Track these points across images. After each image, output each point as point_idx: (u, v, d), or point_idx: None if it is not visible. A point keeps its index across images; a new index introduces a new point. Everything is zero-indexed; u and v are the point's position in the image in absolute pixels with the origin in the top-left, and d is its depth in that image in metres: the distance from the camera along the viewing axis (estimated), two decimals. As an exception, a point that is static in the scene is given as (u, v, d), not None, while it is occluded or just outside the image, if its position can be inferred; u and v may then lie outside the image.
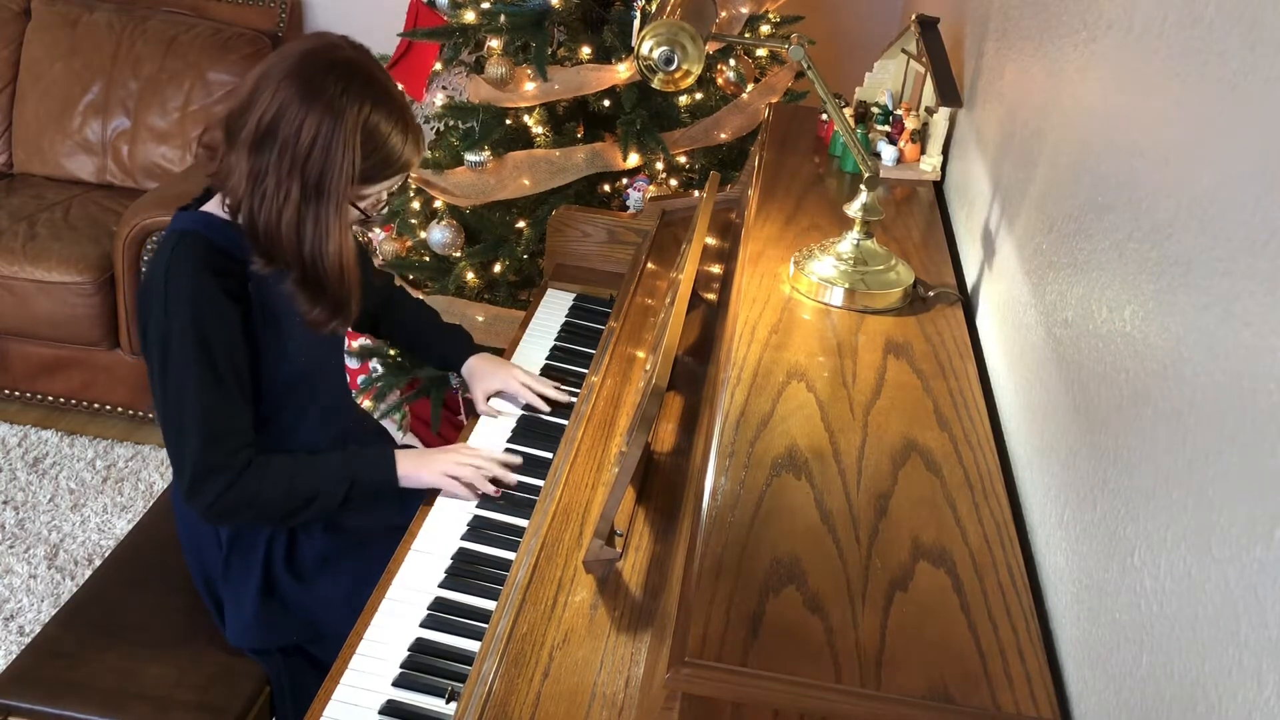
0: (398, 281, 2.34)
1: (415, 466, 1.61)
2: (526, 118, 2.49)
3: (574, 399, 1.80)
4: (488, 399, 1.82)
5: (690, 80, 1.38)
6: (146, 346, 1.51)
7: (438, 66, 2.63)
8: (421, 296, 2.58)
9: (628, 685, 1.13)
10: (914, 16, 1.75)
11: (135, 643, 1.65)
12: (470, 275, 2.53)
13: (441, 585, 1.47)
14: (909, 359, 1.29)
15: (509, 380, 1.82)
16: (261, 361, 1.56)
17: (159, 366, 1.49)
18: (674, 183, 2.57)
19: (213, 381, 1.49)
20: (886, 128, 1.88)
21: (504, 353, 1.98)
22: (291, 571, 1.66)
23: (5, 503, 2.75)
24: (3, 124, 3.33)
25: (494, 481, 1.63)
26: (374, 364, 2.75)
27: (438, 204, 2.54)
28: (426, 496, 1.63)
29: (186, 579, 1.74)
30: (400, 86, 1.61)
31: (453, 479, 1.60)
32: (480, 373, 1.85)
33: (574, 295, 2.14)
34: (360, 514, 1.70)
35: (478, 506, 1.60)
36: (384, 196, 1.57)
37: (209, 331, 1.48)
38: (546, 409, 1.80)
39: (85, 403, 3.06)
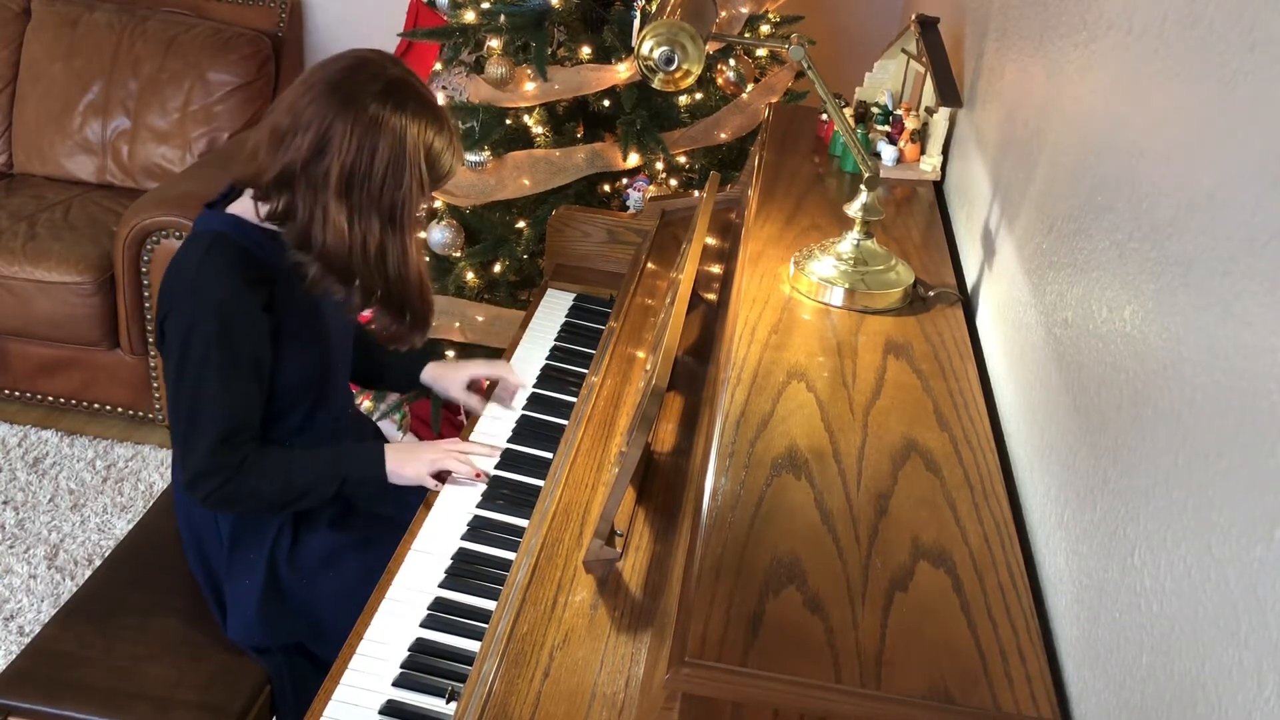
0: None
1: (401, 463, 1.64)
2: (526, 118, 2.49)
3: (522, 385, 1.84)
4: (467, 387, 1.84)
5: (690, 80, 1.38)
6: (165, 340, 1.54)
7: (438, 66, 2.63)
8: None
9: (628, 685, 1.13)
10: (914, 16, 1.75)
11: (135, 643, 1.65)
12: (470, 275, 2.53)
13: (441, 585, 1.47)
14: (909, 359, 1.29)
15: (482, 369, 1.85)
16: (288, 361, 1.59)
17: (177, 364, 1.52)
18: (674, 183, 2.57)
19: (231, 387, 1.52)
20: (886, 128, 1.88)
21: (504, 353, 1.98)
22: (294, 569, 1.66)
23: (5, 503, 2.75)
24: (3, 124, 3.33)
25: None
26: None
27: (438, 204, 2.54)
28: (427, 495, 1.63)
29: (186, 579, 1.74)
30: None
31: (436, 475, 1.63)
32: (444, 373, 1.87)
33: (574, 295, 2.14)
34: (365, 506, 1.72)
35: (478, 506, 1.60)
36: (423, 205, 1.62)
37: (236, 339, 1.50)
38: (519, 381, 1.84)
39: (85, 403, 3.06)
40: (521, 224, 2.54)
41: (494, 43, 2.43)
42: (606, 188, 2.61)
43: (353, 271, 1.51)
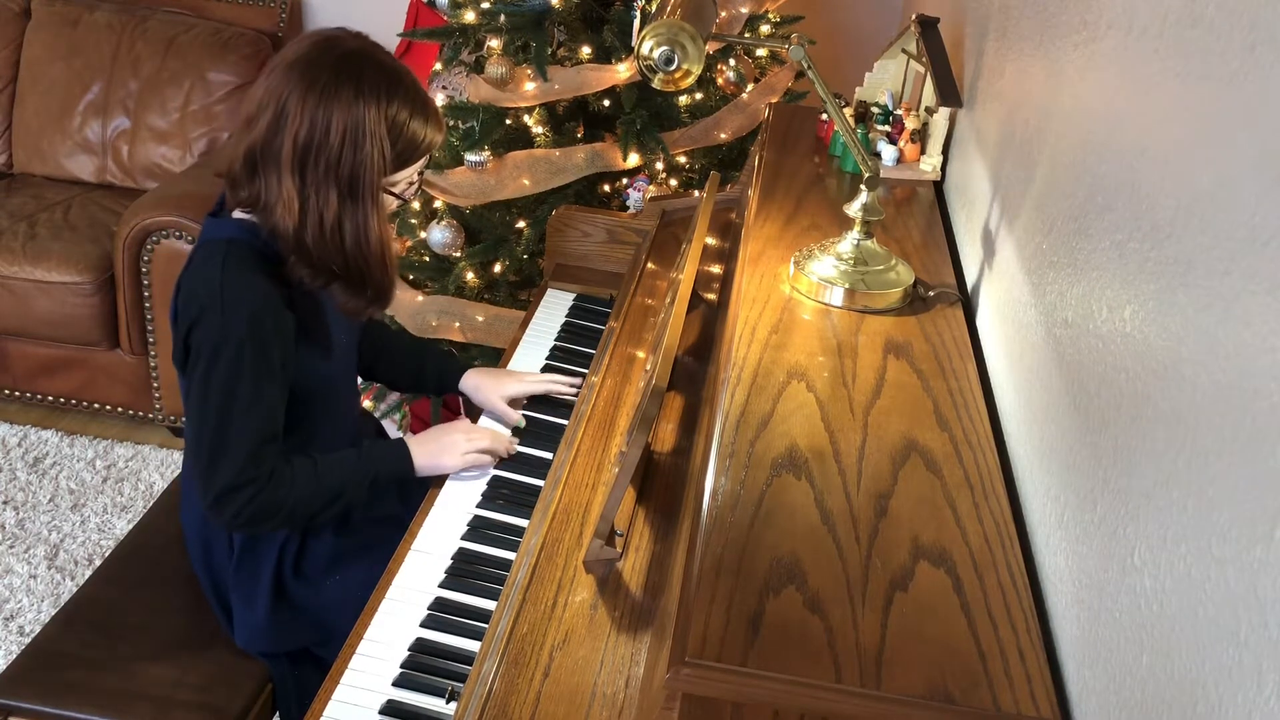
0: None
1: (433, 454, 1.63)
2: (526, 118, 2.49)
3: (575, 397, 1.80)
4: (509, 402, 1.80)
5: (690, 80, 1.38)
6: (190, 355, 1.50)
7: (438, 66, 2.63)
8: (421, 297, 2.58)
9: (628, 685, 1.13)
10: (914, 16, 1.75)
11: (135, 643, 1.65)
12: (470, 275, 2.53)
13: (441, 585, 1.47)
14: (909, 359, 1.29)
15: (525, 386, 1.80)
16: (302, 366, 1.57)
17: (204, 375, 1.47)
18: (674, 183, 2.57)
19: (263, 397, 1.49)
20: (886, 128, 1.88)
21: (504, 353, 1.98)
22: (300, 576, 1.65)
23: (5, 503, 2.75)
24: (3, 124, 3.33)
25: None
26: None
27: (438, 204, 2.54)
28: (428, 494, 1.63)
29: (187, 579, 1.74)
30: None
31: (473, 455, 1.64)
32: (487, 383, 1.82)
33: (574, 295, 2.14)
34: (367, 512, 1.70)
35: (478, 506, 1.61)
36: (415, 177, 1.59)
37: (269, 341, 1.48)
38: (571, 393, 1.81)
39: (85, 403, 3.06)
40: (521, 224, 2.54)
41: (494, 43, 2.43)
42: (606, 188, 2.61)
43: (310, 248, 1.49)
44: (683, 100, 2.55)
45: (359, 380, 1.86)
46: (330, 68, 1.45)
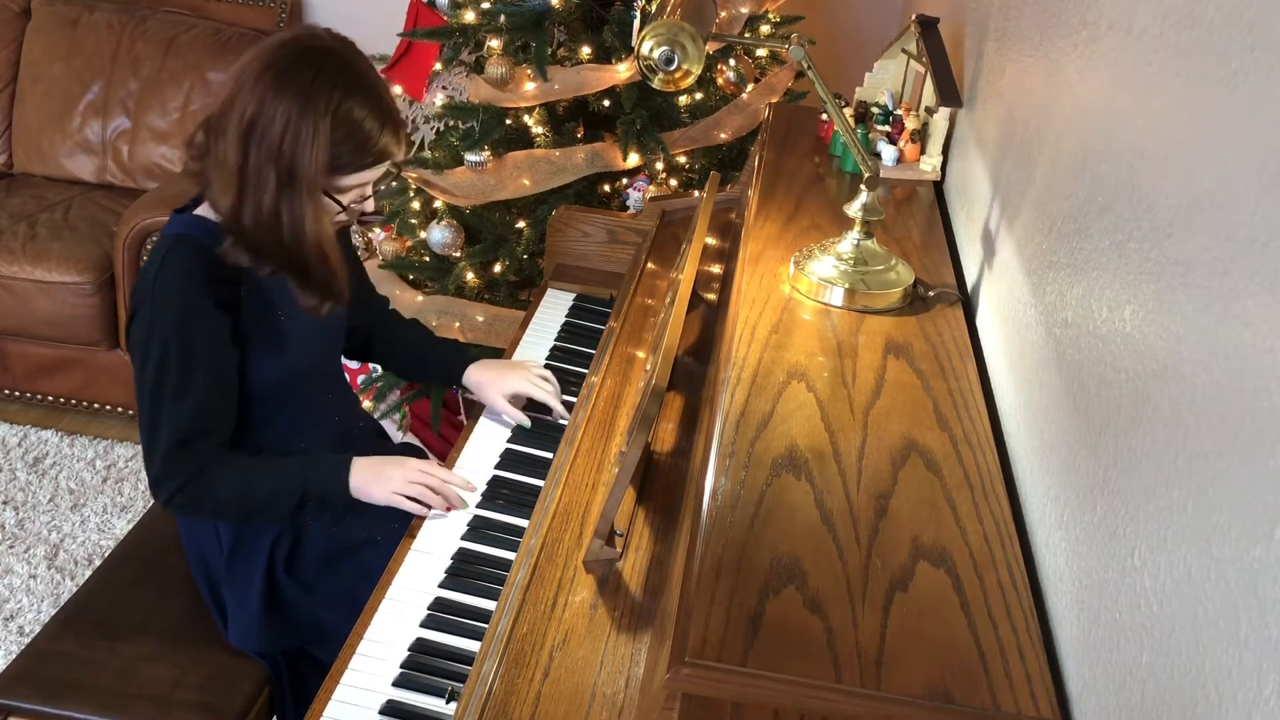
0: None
1: (366, 481, 1.60)
2: (526, 118, 2.49)
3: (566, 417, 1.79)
4: (510, 399, 1.78)
5: (690, 80, 1.38)
6: (130, 345, 1.55)
7: (438, 66, 2.63)
8: (421, 297, 2.58)
9: (628, 685, 1.13)
10: (914, 16, 1.75)
11: (135, 643, 1.65)
12: (470, 275, 2.53)
13: (441, 585, 1.47)
14: (909, 359, 1.29)
15: (526, 385, 1.78)
16: (257, 364, 1.57)
17: (139, 368, 1.53)
18: (674, 183, 2.57)
19: (188, 391, 1.51)
20: (886, 128, 1.88)
21: (504, 353, 1.98)
22: (294, 575, 1.65)
23: (5, 503, 2.75)
24: (3, 124, 3.33)
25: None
26: (374, 364, 2.75)
27: (438, 204, 2.54)
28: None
29: (186, 579, 1.74)
30: (386, 79, 1.62)
31: (401, 497, 1.58)
32: (488, 380, 1.81)
33: (574, 295, 2.14)
34: (360, 515, 1.70)
35: (478, 506, 1.60)
36: (367, 191, 1.56)
37: (193, 343, 1.50)
38: (560, 411, 1.79)
39: (85, 403, 3.06)
40: (521, 224, 2.54)
41: (494, 43, 2.43)
42: (606, 188, 2.61)
43: (248, 228, 1.49)
44: (683, 100, 2.55)
45: (358, 377, 1.86)
46: (294, 56, 1.46)
